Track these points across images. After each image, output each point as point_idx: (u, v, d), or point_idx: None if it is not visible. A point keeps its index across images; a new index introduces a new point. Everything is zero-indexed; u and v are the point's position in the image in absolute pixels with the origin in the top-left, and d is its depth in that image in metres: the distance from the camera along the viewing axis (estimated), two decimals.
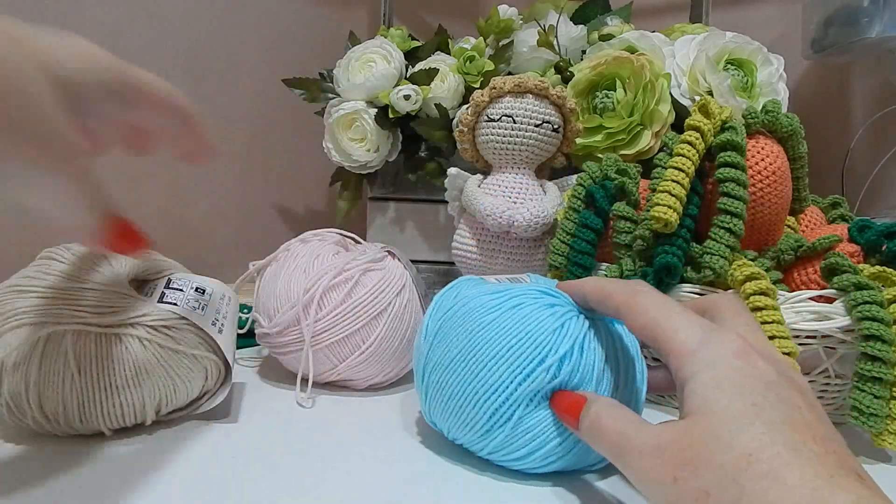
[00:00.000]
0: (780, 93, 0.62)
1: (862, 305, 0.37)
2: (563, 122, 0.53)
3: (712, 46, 0.60)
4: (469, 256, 0.55)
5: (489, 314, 0.33)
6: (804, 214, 0.52)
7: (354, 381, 0.45)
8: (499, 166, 0.55)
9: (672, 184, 0.41)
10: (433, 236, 0.72)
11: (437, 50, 0.70)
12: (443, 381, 0.33)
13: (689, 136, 0.43)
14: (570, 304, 0.33)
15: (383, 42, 0.68)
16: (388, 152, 0.68)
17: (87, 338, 0.33)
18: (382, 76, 0.65)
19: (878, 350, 0.36)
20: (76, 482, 0.30)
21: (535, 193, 0.53)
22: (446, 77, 0.65)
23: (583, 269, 0.45)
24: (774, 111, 0.44)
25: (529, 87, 0.51)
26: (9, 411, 0.33)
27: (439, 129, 0.65)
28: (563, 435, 0.31)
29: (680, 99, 0.60)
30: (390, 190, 0.73)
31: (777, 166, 0.43)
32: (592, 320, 0.33)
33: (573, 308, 0.33)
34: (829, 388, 0.41)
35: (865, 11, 0.65)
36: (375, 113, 0.66)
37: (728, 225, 0.41)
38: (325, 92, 0.71)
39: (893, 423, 0.36)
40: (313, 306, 0.43)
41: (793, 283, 0.43)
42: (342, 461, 0.34)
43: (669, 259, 0.40)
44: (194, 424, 0.38)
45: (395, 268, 0.47)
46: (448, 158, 0.68)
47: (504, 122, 0.52)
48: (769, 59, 0.62)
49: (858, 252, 0.43)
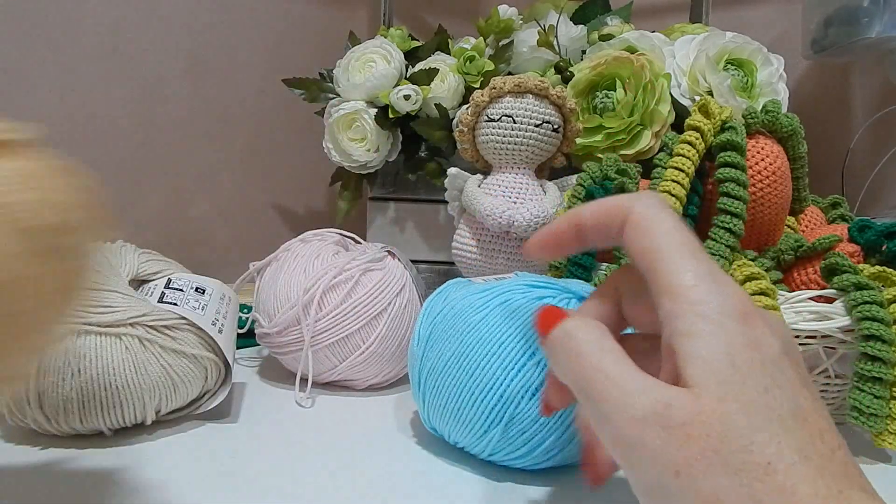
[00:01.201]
0: (780, 93, 0.62)
1: (862, 305, 0.37)
2: (563, 122, 0.53)
3: (712, 46, 0.60)
4: (469, 256, 0.55)
5: (477, 313, 0.33)
6: (804, 214, 0.52)
7: (354, 381, 0.45)
8: (499, 166, 0.55)
9: (672, 184, 0.41)
10: (433, 236, 0.72)
11: (437, 50, 0.70)
12: (439, 384, 0.33)
13: (688, 136, 0.43)
14: (560, 293, 0.33)
15: (383, 42, 0.68)
16: (388, 152, 0.68)
17: (87, 338, 0.33)
18: (382, 76, 0.65)
19: (878, 350, 0.36)
20: (76, 482, 0.30)
21: (535, 193, 0.53)
22: (446, 77, 0.65)
23: (583, 269, 0.45)
24: (774, 111, 0.44)
25: (529, 87, 0.51)
26: (9, 411, 0.33)
27: (439, 129, 0.65)
28: (562, 427, 0.31)
29: (680, 99, 0.60)
30: (390, 190, 0.73)
31: (777, 166, 0.43)
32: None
33: (565, 297, 0.33)
34: (829, 388, 0.41)
35: (865, 11, 0.65)
36: (375, 113, 0.66)
37: (728, 225, 0.41)
38: (325, 92, 0.71)
39: (893, 423, 0.36)
40: (313, 306, 0.43)
41: (793, 283, 0.43)
42: (342, 461, 0.34)
43: None
44: (194, 424, 0.38)
45: (395, 268, 0.47)
46: (448, 158, 0.68)
47: (504, 122, 0.52)
48: (769, 59, 0.62)
49: (858, 252, 0.43)
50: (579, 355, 0.22)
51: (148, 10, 0.76)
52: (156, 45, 0.77)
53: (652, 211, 0.23)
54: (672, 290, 0.21)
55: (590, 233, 0.25)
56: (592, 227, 0.25)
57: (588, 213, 0.25)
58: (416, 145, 0.69)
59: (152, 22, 0.76)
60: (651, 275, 0.22)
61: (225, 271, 0.56)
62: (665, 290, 0.21)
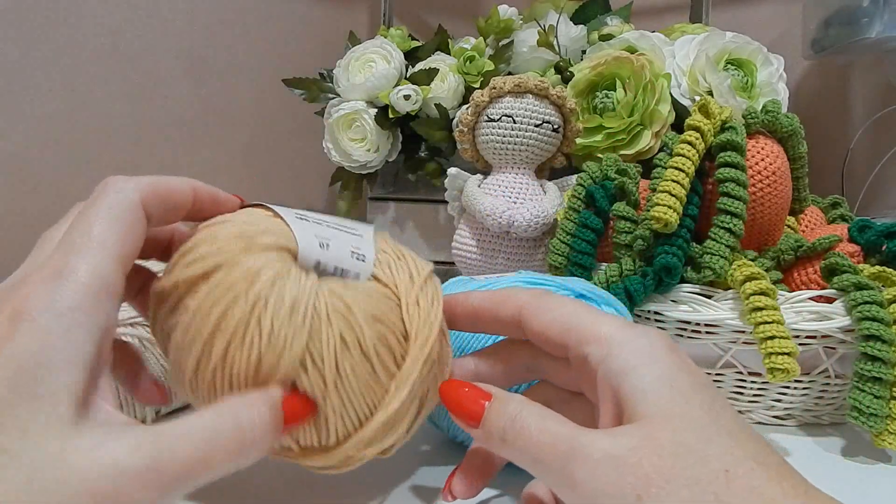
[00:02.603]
0: (780, 93, 0.62)
1: (862, 305, 0.37)
2: (563, 122, 0.54)
3: (712, 46, 0.60)
4: (469, 256, 0.55)
5: None
6: (804, 214, 0.52)
7: None
8: (499, 166, 0.55)
9: (672, 184, 0.41)
10: (433, 236, 0.72)
11: (437, 50, 0.70)
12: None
13: (688, 136, 0.43)
14: (558, 290, 0.33)
15: (383, 42, 0.68)
16: (388, 152, 0.68)
17: None
18: (382, 76, 0.65)
19: (878, 350, 0.36)
20: None
21: (535, 193, 0.53)
22: (446, 77, 0.65)
23: (583, 269, 0.45)
24: (774, 111, 0.44)
25: (529, 87, 0.51)
26: None
27: (439, 129, 0.65)
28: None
29: (680, 99, 0.60)
30: (390, 190, 0.73)
31: (777, 166, 0.43)
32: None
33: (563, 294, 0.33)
34: (829, 388, 0.41)
35: (865, 11, 0.65)
36: (375, 113, 0.66)
37: (728, 225, 0.41)
38: (325, 92, 0.71)
39: (893, 423, 0.36)
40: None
41: (793, 283, 0.43)
42: None
43: (669, 259, 0.40)
44: None
45: None
46: (448, 158, 0.68)
47: (504, 122, 0.52)
48: (769, 59, 0.62)
49: (858, 252, 0.43)
50: (523, 430, 0.22)
51: (148, 10, 0.76)
52: (156, 45, 0.77)
53: (542, 293, 0.26)
54: (598, 338, 0.23)
55: (485, 316, 0.27)
56: (486, 312, 0.27)
57: (478, 298, 0.27)
58: (416, 145, 0.69)
59: (152, 22, 0.76)
60: (567, 335, 0.24)
61: None
62: (590, 340, 0.23)
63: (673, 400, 0.21)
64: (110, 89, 0.75)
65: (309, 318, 0.23)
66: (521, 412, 0.22)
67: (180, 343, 0.23)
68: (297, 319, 0.22)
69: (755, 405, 0.42)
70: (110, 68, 0.74)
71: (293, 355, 0.22)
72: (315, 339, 0.23)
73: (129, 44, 0.75)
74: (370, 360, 0.24)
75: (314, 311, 0.23)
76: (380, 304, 0.25)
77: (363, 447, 0.24)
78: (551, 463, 0.21)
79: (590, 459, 0.20)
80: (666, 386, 0.21)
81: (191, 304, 0.23)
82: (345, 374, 0.23)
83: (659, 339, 0.23)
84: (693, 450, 0.19)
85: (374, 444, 0.25)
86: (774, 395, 0.41)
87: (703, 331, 0.41)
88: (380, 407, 0.24)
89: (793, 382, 0.41)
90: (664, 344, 0.23)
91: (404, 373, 0.24)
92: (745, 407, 0.42)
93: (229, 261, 0.23)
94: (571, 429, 0.21)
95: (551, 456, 0.21)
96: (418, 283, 0.26)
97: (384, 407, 0.24)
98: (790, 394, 0.41)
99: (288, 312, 0.22)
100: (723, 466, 0.19)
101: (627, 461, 0.19)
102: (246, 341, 0.22)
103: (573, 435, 0.21)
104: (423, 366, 0.24)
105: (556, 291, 0.34)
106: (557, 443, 0.21)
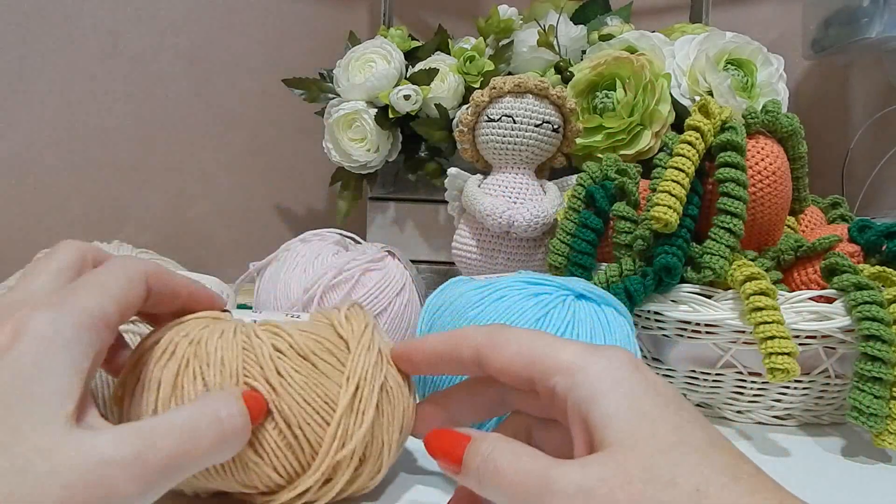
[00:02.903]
0: (780, 93, 0.62)
1: (862, 305, 0.37)
2: (563, 122, 0.53)
3: (712, 46, 0.60)
4: (469, 256, 0.55)
5: (473, 309, 0.33)
6: (804, 214, 0.52)
7: None
8: (499, 166, 0.55)
9: (672, 184, 0.41)
10: (433, 236, 0.72)
11: (437, 50, 0.70)
12: (437, 379, 0.34)
13: (688, 136, 0.43)
14: (558, 291, 0.33)
15: (383, 42, 0.68)
16: (388, 152, 0.68)
17: None
18: (382, 76, 0.65)
19: (878, 350, 0.36)
20: None
21: (535, 193, 0.53)
22: (446, 77, 0.65)
23: (583, 269, 0.45)
24: (774, 111, 0.44)
25: (529, 87, 0.51)
26: None
27: (439, 129, 0.65)
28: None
29: (680, 99, 0.60)
30: (390, 190, 0.73)
31: (777, 166, 0.43)
32: (582, 306, 0.33)
33: (562, 295, 0.33)
34: (829, 388, 0.41)
35: (865, 11, 0.65)
36: (375, 113, 0.66)
37: (728, 225, 0.41)
38: (325, 92, 0.71)
39: (893, 423, 0.36)
40: (313, 306, 0.43)
41: (793, 283, 0.43)
42: None
43: (669, 259, 0.40)
44: None
45: (395, 268, 0.47)
46: (448, 158, 0.68)
47: (504, 122, 0.52)
48: (769, 59, 0.62)
49: (858, 252, 0.43)
50: (497, 470, 0.22)
51: (148, 10, 0.76)
52: (156, 45, 0.77)
53: (497, 329, 0.26)
54: (560, 367, 0.23)
55: (442, 362, 0.28)
56: (443, 356, 0.27)
57: (432, 343, 0.28)
58: (416, 145, 0.69)
59: (152, 22, 0.76)
60: (531, 368, 0.24)
61: (225, 271, 0.56)
62: (553, 371, 0.23)
63: (639, 424, 0.21)
64: (110, 89, 0.75)
65: (240, 339, 0.26)
66: (492, 452, 0.23)
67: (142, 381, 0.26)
68: (230, 341, 0.26)
69: (755, 405, 0.42)
70: (110, 68, 0.74)
71: (234, 369, 0.26)
72: (249, 352, 0.26)
73: (129, 44, 0.75)
74: (308, 359, 0.27)
75: (244, 336, 0.27)
76: (311, 324, 0.29)
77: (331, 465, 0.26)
78: (525, 501, 0.21)
79: (562, 495, 0.20)
80: (632, 409, 0.21)
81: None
82: (286, 374, 0.26)
83: (621, 360, 0.23)
84: (661, 474, 0.20)
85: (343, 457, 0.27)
86: (774, 395, 0.41)
87: (703, 331, 0.41)
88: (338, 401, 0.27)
89: (793, 382, 0.41)
90: (627, 364, 0.23)
91: (349, 368, 0.27)
92: (745, 407, 0.42)
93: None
94: (543, 464, 0.21)
95: (524, 494, 0.21)
96: (345, 310, 0.30)
97: (341, 404, 0.27)
98: (790, 394, 0.41)
99: (221, 338, 0.26)
100: (693, 486, 0.19)
101: (598, 493, 0.20)
102: (191, 368, 0.26)
103: (545, 471, 0.21)
104: (367, 355, 0.28)
105: (556, 291, 0.34)
106: (529, 481, 0.21)
